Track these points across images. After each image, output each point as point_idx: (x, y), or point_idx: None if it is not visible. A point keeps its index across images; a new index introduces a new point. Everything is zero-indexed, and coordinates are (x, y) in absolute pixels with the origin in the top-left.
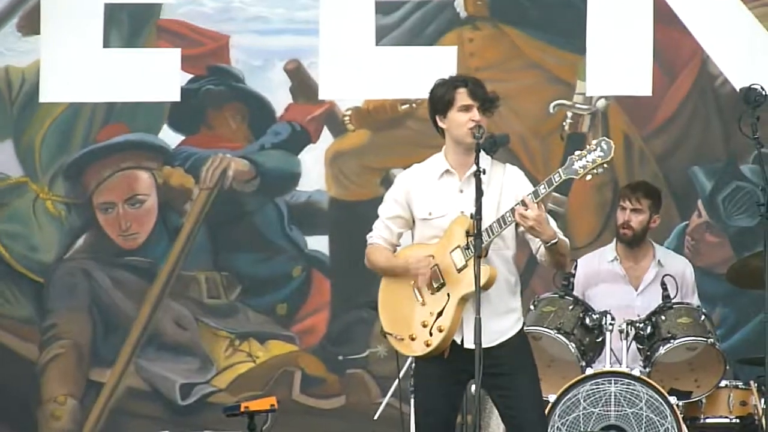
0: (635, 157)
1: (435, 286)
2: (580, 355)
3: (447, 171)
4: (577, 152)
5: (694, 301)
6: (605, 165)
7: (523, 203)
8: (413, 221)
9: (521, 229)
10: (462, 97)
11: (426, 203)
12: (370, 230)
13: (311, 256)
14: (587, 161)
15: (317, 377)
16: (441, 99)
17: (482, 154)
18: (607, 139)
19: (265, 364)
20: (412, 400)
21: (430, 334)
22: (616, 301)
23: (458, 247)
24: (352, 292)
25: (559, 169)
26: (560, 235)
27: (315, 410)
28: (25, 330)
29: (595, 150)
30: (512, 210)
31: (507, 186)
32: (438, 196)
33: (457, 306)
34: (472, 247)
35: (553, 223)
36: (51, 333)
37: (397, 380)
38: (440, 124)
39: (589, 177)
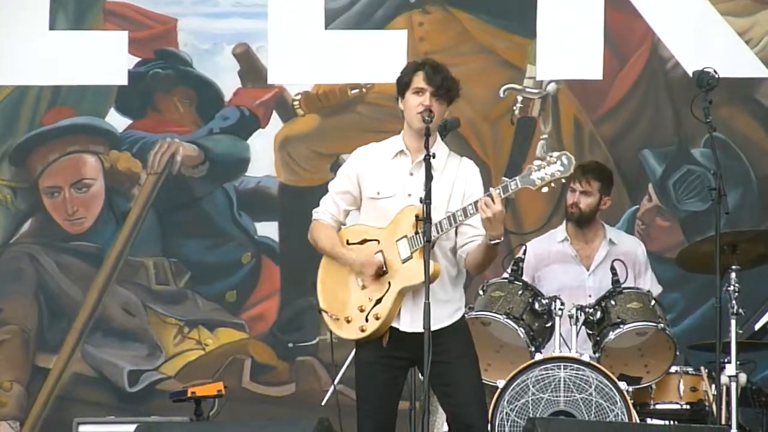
0: (586, 141)
1: (377, 270)
2: (529, 341)
3: (401, 152)
4: (536, 162)
5: (648, 279)
6: (563, 180)
7: (490, 196)
8: (361, 200)
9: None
10: (418, 80)
11: (376, 182)
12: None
13: (261, 242)
14: (545, 173)
15: (267, 365)
16: (401, 80)
17: (439, 142)
18: (568, 154)
19: (215, 351)
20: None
21: (366, 320)
22: (567, 282)
23: (404, 237)
24: (302, 278)
25: (517, 177)
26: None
27: (265, 398)
28: None
29: (555, 163)
30: (474, 205)
31: (459, 180)
32: (388, 176)
33: (397, 296)
34: (420, 235)
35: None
36: None
37: (343, 367)
38: (399, 105)
39: (545, 189)
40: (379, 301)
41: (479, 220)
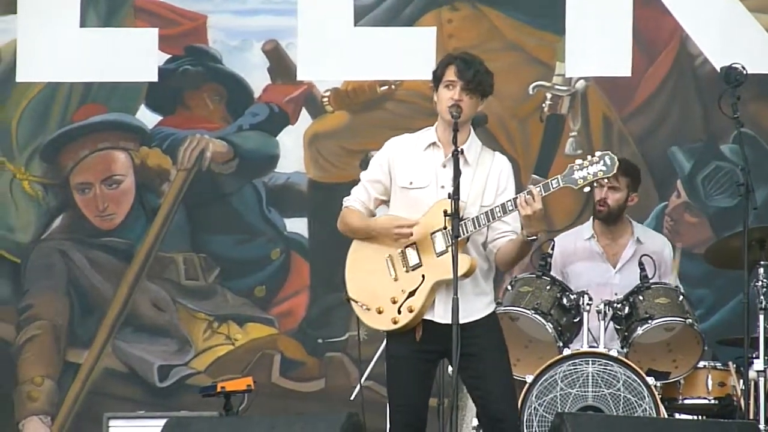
0: (614, 138)
1: (411, 264)
2: (557, 336)
3: (434, 144)
4: (579, 161)
5: (673, 279)
6: (606, 180)
7: (530, 194)
8: (391, 191)
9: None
10: (449, 73)
11: (408, 172)
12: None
13: (290, 238)
14: (588, 173)
15: (296, 360)
16: (435, 73)
17: (473, 136)
18: (611, 154)
19: (244, 346)
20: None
21: (399, 312)
22: (594, 279)
23: (440, 230)
24: (331, 274)
25: (558, 176)
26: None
27: (294, 393)
28: (2, 311)
29: (597, 163)
30: (513, 201)
31: (493, 174)
32: (421, 167)
33: (431, 289)
34: (451, 228)
35: None
36: (28, 314)
37: (372, 363)
38: (434, 97)
39: (587, 189)
40: (412, 293)
41: (513, 217)
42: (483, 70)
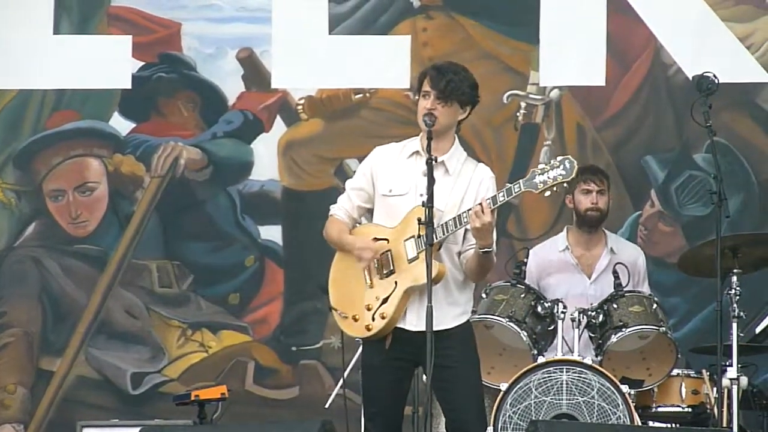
0: (588, 147)
1: (384, 272)
2: (531, 344)
3: (417, 152)
4: (540, 166)
5: (645, 289)
6: (565, 184)
7: (480, 206)
8: (374, 199)
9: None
10: (425, 83)
11: (389, 180)
12: (329, 211)
13: (264, 245)
14: (548, 177)
15: (270, 368)
16: (415, 82)
17: (457, 145)
18: (570, 158)
19: (218, 354)
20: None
21: (372, 319)
22: (570, 291)
23: (412, 237)
24: (305, 282)
25: (520, 181)
26: (494, 250)
27: (268, 401)
28: None
29: (558, 167)
30: (468, 212)
31: (473, 184)
32: (402, 175)
33: (403, 296)
34: (424, 236)
35: (494, 235)
36: (0, 321)
37: (346, 370)
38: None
39: (547, 193)
40: (385, 300)
41: None
42: (458, 79)
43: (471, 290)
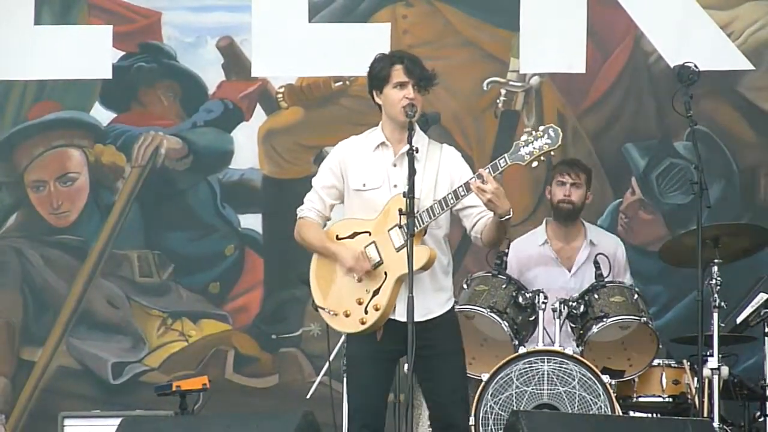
0: (569, 135)
1: (372, 264)
2: (513, 334)
3: (383, 144)
4: (524, 137)
5: (627, 279)
6: (552, 153)
7: (480, 177)
8: (345, 194)
9: (457, 207)
10: (398, 74)
11: (360, 174)
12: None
13: (244, 234)
14: (534, 147)
15: (250, 356)
16: (378, 75)
17: (419, 131)
18: (554, 126)
19: (198, 343)
20: (345, 379)
21: (366, 312)
22: (550, 284)
23: (397, 225)
24: (285, 270)
25: (505, 155)
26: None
27: (248, 389)
28: None
29: (542, 137)
30: (465, 186)
31: (444, 166)
32: (372, 168)
33: (395, 285)
34: (406, 226)
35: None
36: None
37: (328, 360)
38: (376, 99)
39: (535, 164)
40: (377, 291)
41: (474, 199)
42: (425, 67)
43: (451, 274)
